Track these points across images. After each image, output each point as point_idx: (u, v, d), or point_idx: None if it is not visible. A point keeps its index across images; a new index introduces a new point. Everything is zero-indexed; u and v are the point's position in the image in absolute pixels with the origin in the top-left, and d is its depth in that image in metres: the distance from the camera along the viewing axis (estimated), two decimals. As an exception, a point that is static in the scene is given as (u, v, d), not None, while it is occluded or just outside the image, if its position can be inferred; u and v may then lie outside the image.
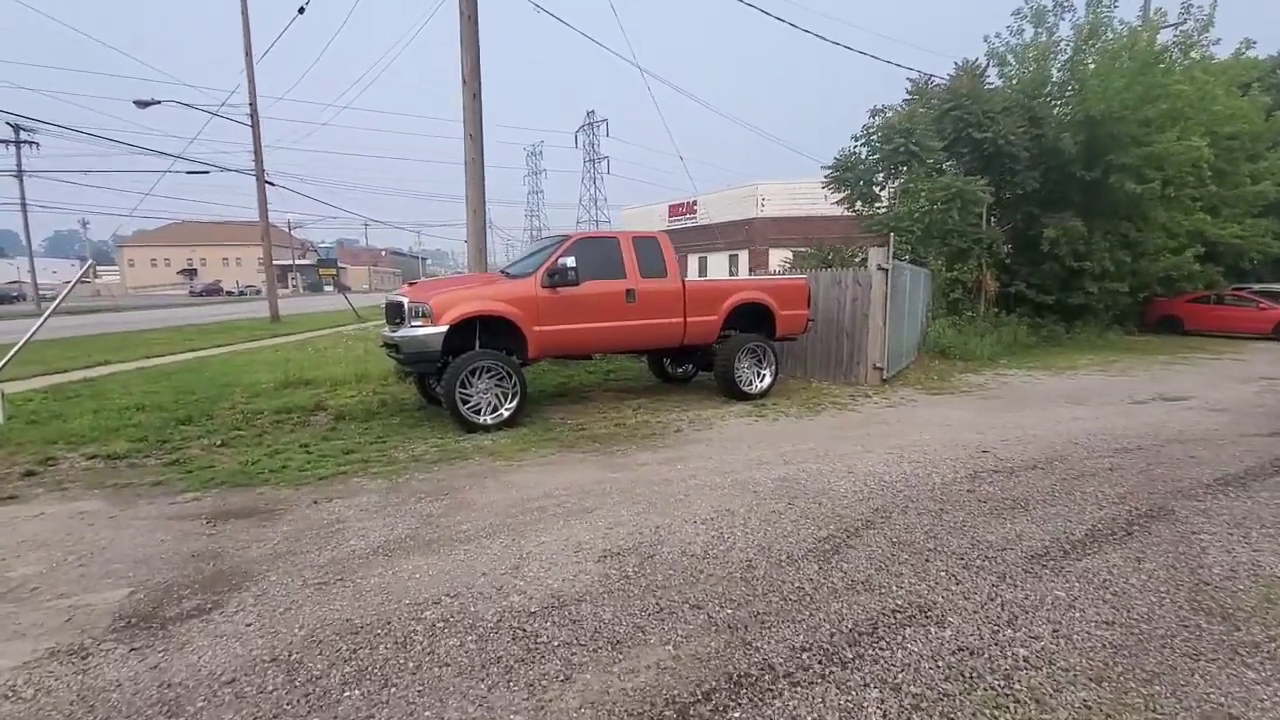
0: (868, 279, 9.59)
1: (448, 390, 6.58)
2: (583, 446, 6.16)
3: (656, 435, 6.57)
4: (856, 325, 9.72)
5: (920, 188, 13.62)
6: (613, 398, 8.79)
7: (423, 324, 6.67)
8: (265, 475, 5.21)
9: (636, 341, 7.98)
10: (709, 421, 7.22)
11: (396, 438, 6.63)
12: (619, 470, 5.31)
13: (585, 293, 7.31)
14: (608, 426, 7.01)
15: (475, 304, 6.81)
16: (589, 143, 71.31)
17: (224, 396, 8.65)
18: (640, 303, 7.66)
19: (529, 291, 7.09)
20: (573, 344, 7.46)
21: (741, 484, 4.88)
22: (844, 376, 9.95)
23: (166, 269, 78.44)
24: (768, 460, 5.56)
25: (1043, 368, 12.04)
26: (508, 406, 6.95)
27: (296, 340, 16.82)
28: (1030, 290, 15.96)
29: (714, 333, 8.35)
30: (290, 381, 9.43)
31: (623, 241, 7.78)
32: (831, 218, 24.90)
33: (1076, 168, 14.88)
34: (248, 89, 21.50)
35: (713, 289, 8.34)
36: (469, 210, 9.56)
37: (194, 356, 13.28)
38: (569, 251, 7.29)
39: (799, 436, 6.48)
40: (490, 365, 6.81)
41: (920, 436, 6.45)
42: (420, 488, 4.88)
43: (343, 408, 7.97)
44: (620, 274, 7.64)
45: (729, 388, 8.36)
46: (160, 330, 19.97)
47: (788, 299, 8.81)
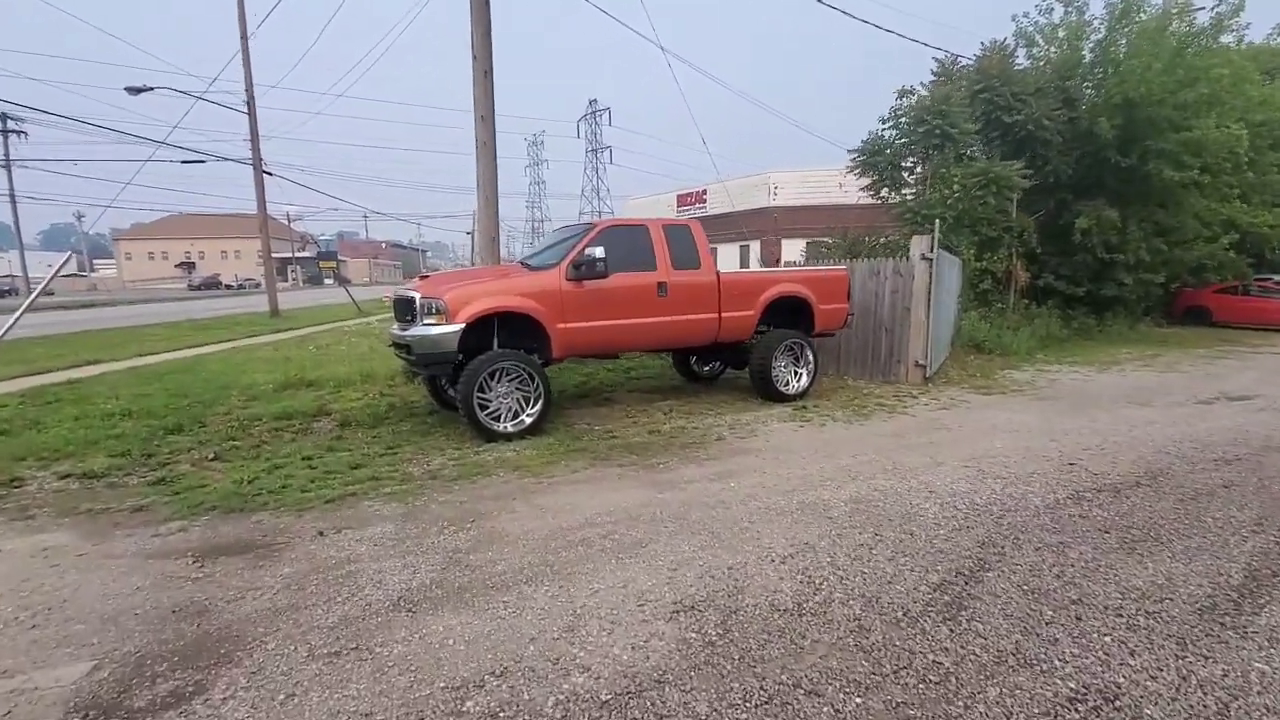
0: (909, 269, 8.91)
1: (465, 395, 5.93)
2: (618, 458, 5.51)
3: (697, 444, 5.92)
4: (897, 319, 9.05)
5: (953, 173, 12.92)
6: (639, 399, 8.13)
7: (436, 322, 6.01)
8: (263, 497, 4.56)
9: (668, 339, 7.32)
10: (750, 427, 6.57)
11: (408, 448, 5.98)
12: (665, 489, 4.66)
13: (613, 286, 6.64)
14: (640, 433, 6.36)
15: (494, 299, 6.14)
16: (591, 132, 70.36)
17: (219, 400, 8.01)
18: (672, 297, 6.99)
19: (552, 285, 6.42)
20: (600, 343, 6.80)
21: (810, 507, 4.23)
22: (882, 375, 9.30)
23: (164, 262, 77.60)
24: (830, 476, 4.91)
25: (1084, 363, 11.38)
26: (530, 412, 6.30)
27: (297, 336, 16.15)
28: (1060, 281, 15.28)
29: (750, 329, 7.68)
30: (290, 383, 8.78)
31: (653, 230, 7.10)
32: (845, 206, 24.19)
33: (1111, 153, 14.14)
34: (244, 72, 20.73)
35: (749, 281, 7.67)
36: (480, 197, 8.87)
37: (190, 355, 12.63)
38: (596, 240, 6.61)
39: (855, 445, 5.83)
40: (511, 367, 6.15)
41: (991, 445, 5.80)
42: (441, 513, 4.23)
43: (348, 412, 7.32)
44: (650, 265, 6.97)
45: (765, 388, 7.71)
46: (156, 326, 19.29)
47: (827, 292, 8.14)
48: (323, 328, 18.57)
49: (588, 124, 70.50)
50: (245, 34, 20.07)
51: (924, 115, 12.95)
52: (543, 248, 7.48)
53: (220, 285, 63.14)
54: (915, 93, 13.84)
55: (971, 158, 13.87)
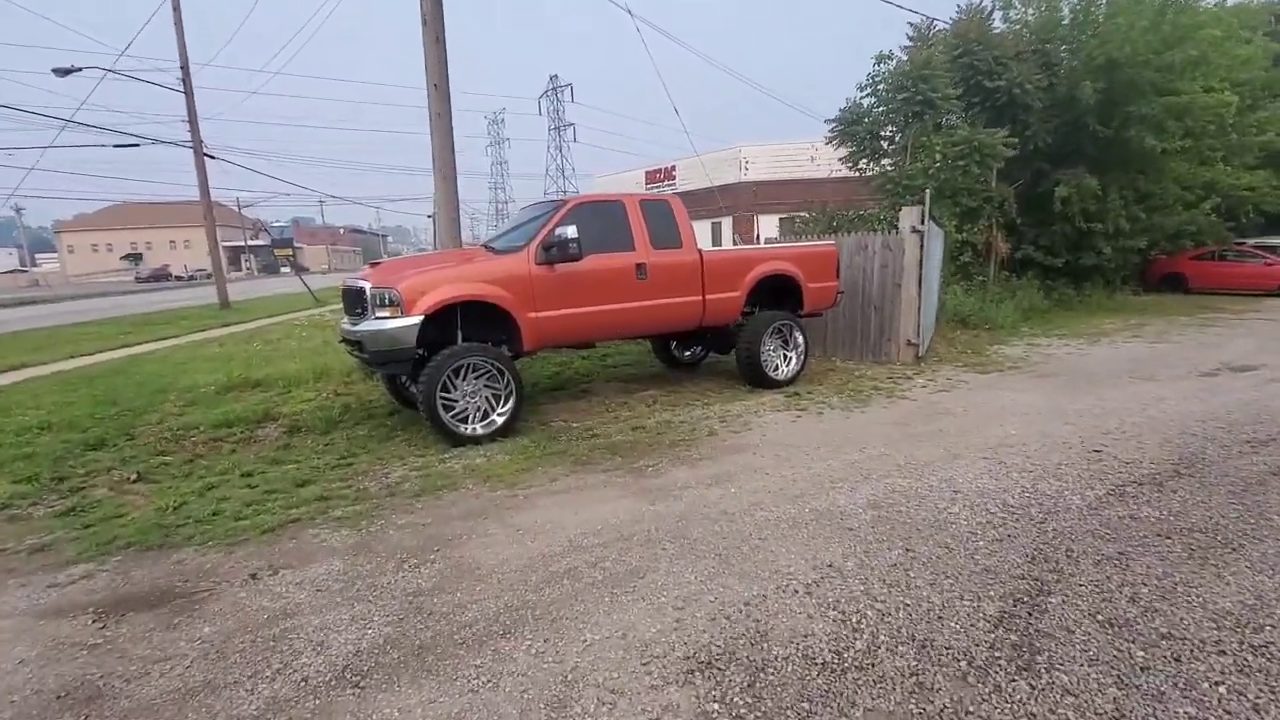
0: (899, 244, 8.44)
1: (426, 396, 5.29)
2: (600, 461, 4.94)
3: (688, 441, 5.38)
4: (886, 296, 8.60)
5: (934, 141, 12.48)
6: (618, 389, 7.56)
7: (390, 314, 5.33)
8: (189, 529, 3.89)
9: (649, 325, 6.73)
10: (743, 419, 6.05)
11: (364, 457, 5.33)
12: (658, 498, 4.11)
13: (588, 269, 6.01)
14: (623, 430, 5.79)
15: (456, 287, 5.47)
16: (554, 109, 68.65)
17: (153, 406, 7.21)
18: (652, 279, 6.40)
19: (521, 269, 5.77)
20: (575, 331, 6.18)
21: (826, 516, 3.72)
22: (872, 355, 8.86)
23: (109, 254, 74.07)
24: (841, 475, 4.41)
25: (1071, 335, 11.12)
26: (501, 411, 5.68)
27: (247, 330, 15.16)
28: (1038, 252, 15.04)
29: (736, 311, 7.13)
30: (235, 384, 7.99)
31: (629, 206, 6.47)
32: (818, 180, 23.76)
33: (1091, 120, 13.83)
34: (177, 45, 19.29)
35: (734, 260, 7.09)
36: (437, 175, 8.11)
37: (127, 354, 11.64)
38: (567, 219, 5.97)
39: (860, 437, 5.35)
40: (477, 362, 5.52)
41: (1004, 432, 5.37)
42: (400, 541, 3.62)
43: (297, 416, 6.61)
44: (628, 245, 6.35)
45: (754, 374, 7.19)
46: (95, 323, 18.04)
47: (815, 269, 7.62)
48: (276, 320, 17.54)
49: (549, 101, 68.77)
50: (178, 3, 18.67)
51: (904, 81, 12.45)
52: (508, 229, 6.80)
53: (170, 277, 60.55)
54: (894, 58, 13.31)
55: (951, 126, 13.45)
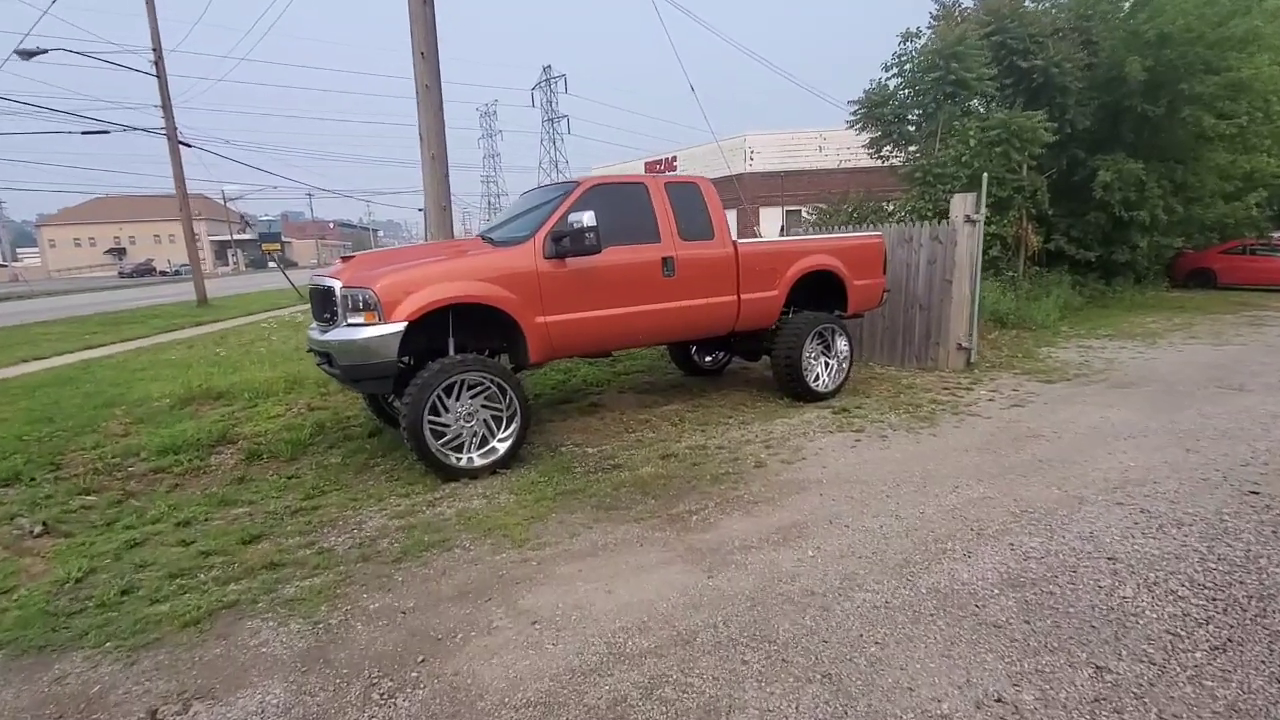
0: (950, 234, 7.46)
1: (412, 422, 4.27)
2: (629, 505, 3.94)
3: (733, 476, 4.38)
4: (935, 294, 7.62)
5: (967, 126, 11.50)
6: (634, 402, 6.55)
7: (365, 320, 4.31)
8: (88, 618, 2.87)
9: (676, 331, 5.73)
10: (791, 443, 5.06)
11: (335, 495, 4.32)
12: (715, 566, 3.12)
13: (606, 264, 5.00)
14: (651, 459, 4.79)
15: (446, 287, 4.45)
16: (547, 101, 67.28)
17: (95, 424, 6.18)
18: (681, 276, 5.39)
19: (525, 264, 4.75)
20: (590, 339, 5.17)
21: (951, 601, 2.73)
22: (916, 360, 7.89)
23: (93, 249, 72.28)
24: (944, 529, 3.43)
25: (1119, 335, 10.19)
26: (503, 437, 4.66)
27: (221, 330, 14.06)
28: (1070, 245, 14.09)
29: (775, 313, 6.14)
30: (194, 395, 6.96)
31: (652, 189, 5.45)
32: (827, 170, 22.79)
33: (1136, 101, 12.83)
34: (149, 24, 18.07)
35: (774, 254, 6.08)
36: (425, 155, 7.06)
37: (83, 359, 10.54)
38: (581, 203, 4.94)
39: (944, 470, 4.37)
40: (475, 378, 4.50)
41: (1120, 462, 4.40)
42: (370, 644, 2.61)
43: (259, 439, 5.58)
44: (652, 236, 5.34)
45: (794, 386, 6.20)
46: (62, 322, 16.87)
47: (861, 264, 6.63)
48: (254, 318, 16.43)
49: (542, 92, 67.38)
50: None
51: (934, 60, 11.45)
52: (508, 216, 5.75)
53: (154, 272, 59.01)
54: (922, 36, 12.30)
55: (984, 110, 12.47)
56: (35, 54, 18.64)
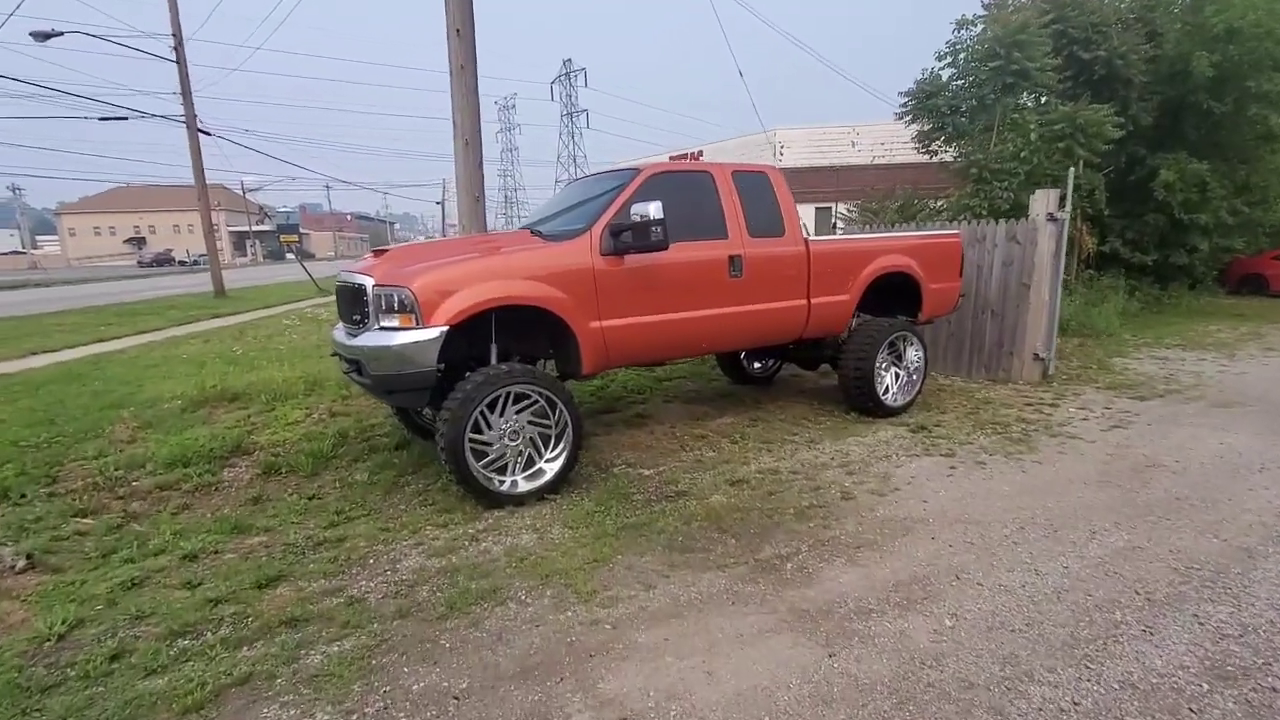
0: (1030, 233, 6.81)
1: (451, 441, 3.71)
2: (706, 545, 3.36)
3: (820, 510, 3.79)
4: (1010, 299, 6.97)
5: (1028, 119, 10.78)
6: (683, 414, 5.97)
7: (401, 324, 3.75)
8: (63, 699, 2.33)
9: (742, 338, 5.14)
10: (874, 468, 4.45)
11: (362, 524, 3.77)
12: (834, 639, 2.53)
13: (668, 262, 4.41)
14: (718, 484, 4.21)
15: (492, 286, 3.88)
16: (566, 94, 66.73)
17: (98, 429, 5.69)
18: (749, 276, 4.79)
19: (580, 261, 4.17)
20: (651, 346, 4.59)
21: (1157, 702, 2.13)
22: (985, 370, 7.24)
23: (112, 237, 72.67)
24: (1101, 592, 2.82)
25: (1190, 344, 9.47)
26: (550, 457, 4.10)
27: (239, 323, 13.63)
28: (1125, 248, 13.31)
29: (845, 319, 5.53)
30: (207, 396, 6.47)
31: (719, 179, 4.85)
32: (859, 167, 22.03)
33: (1202, 97, 12.07)
34: (169, 14, 17.68)
35: (848, 253, 5.47)
36: (458, 141, 6.50)
37: (95, 352, 10.12)
38: (644, 193, 4.36)
39: (1068, 508, 3.75)
40: (523, 391, 3.93)
41: (1268, 500, 3.75)
42: (417, 741, 2.06)
43: (277, 449, 5.07)
44: (719, 231, 4.74)
45: (863, 399, 5.58)
46: (76, 312, 16.54)
47: (937, 265, 6.00)
48: (273, 310, 16.01)
49: (562, 86, 66.82)
50: (167, -37, 17.06)
51: (994, 48, 10.74)
52: (559, 207, 5.16)
53: (173, 261, 59.08)
54: (976, 23, 11.59)
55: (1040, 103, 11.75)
56: (51, 36, 18.30)
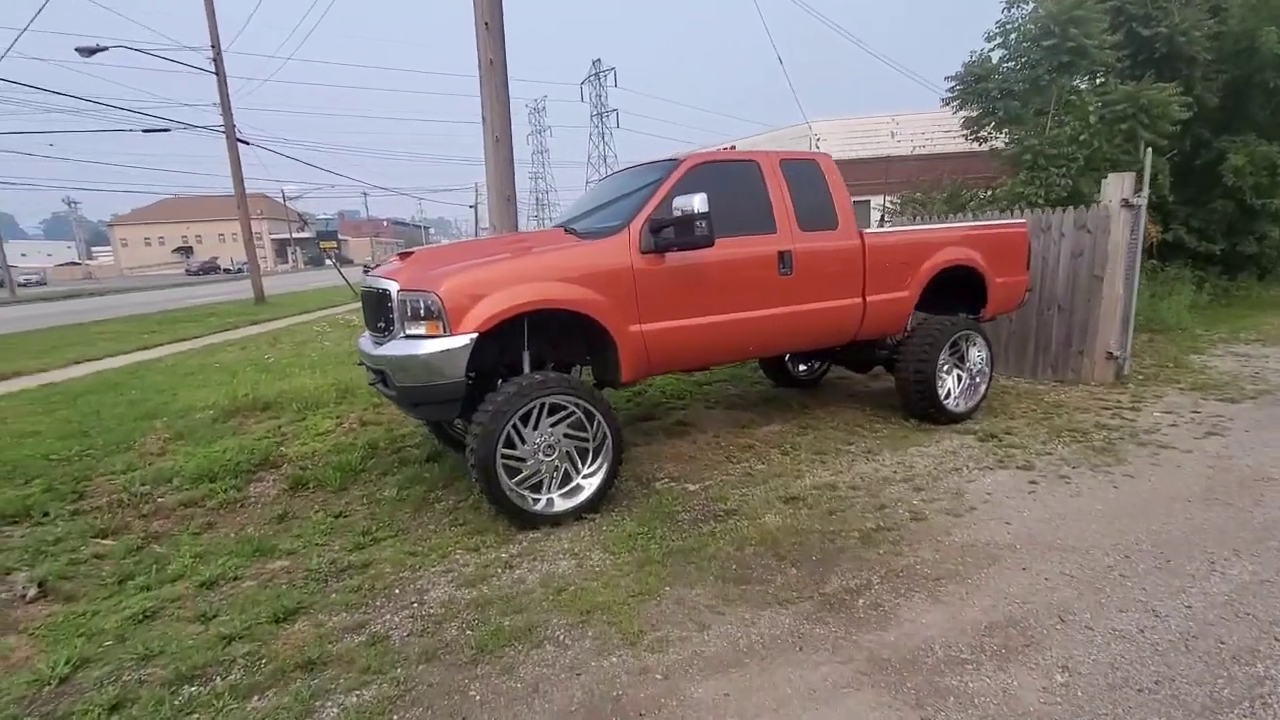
0: (1102, 221, 6.26)
1: (482, 459, 3.42)
2: (764, 576, 3.01)
3: (889, 533, 3.40)
4: (1079, 293, 6.43)
5: (1087, 100, 10.13)
6: (726, 420, 5.61)
7: (428, 331, 3.49)
8: (58, 746, 2.11)
9: (792, 340, 4.76)
10: (944, 484, 4.03)
11: (389, 547, 3.51)
12: (928, 702, 2.16)
13: (713, 260, 4.06)
14: (770, 501, 3.85)
15: (525, 289, 3.58)
16: (596, 95, 66.63)
17: (133, 439, 5.62)
18: (799, 274, 4.41)
19: (618, 260, 3.85)
20: (694, 352, 4.24)
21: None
22: (1052, 370, 6.71)
23: (161, 248, 75.17)
24: (1237, 639, 2.39)
25: (1271, 340, 8.70)
26: (588, 473, 3.79)
27: (276, 329, 13.70)
28: (1190, 236, 12.46)
29: (904, 318, 5.10)
30: (239, 406, 6.36)
31: (766, 168, 4.48)
32: (899, 158, 21.30)
33: (1270, 75, 11.22)
34: (208, 24, 17.96)
35: (907, 246, 5.03)
36: (488, 137, 6.24)
37: (136, 360, 10.20)
38: (686, 185, 4.02)
39: (1178, 534, 3.29)
40: (559, 402, 3.63)
41: None
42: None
43: (306, 461, 4.88)
44: (766, 225, 4.37)
45: (925, 404, 5.14)
46: (121, 320, 16.92)
47: (1003, 257, 5.52)
48: (309, 316, 16.12)
49: (591, 86, 66.73)
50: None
51: (1048, 25, 10.09)
52: (594, 204, 4.83)
53: (219, 269, 60.78)
54: (1029, 0, 10.93)
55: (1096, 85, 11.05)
56: (95, 51, 18.77)
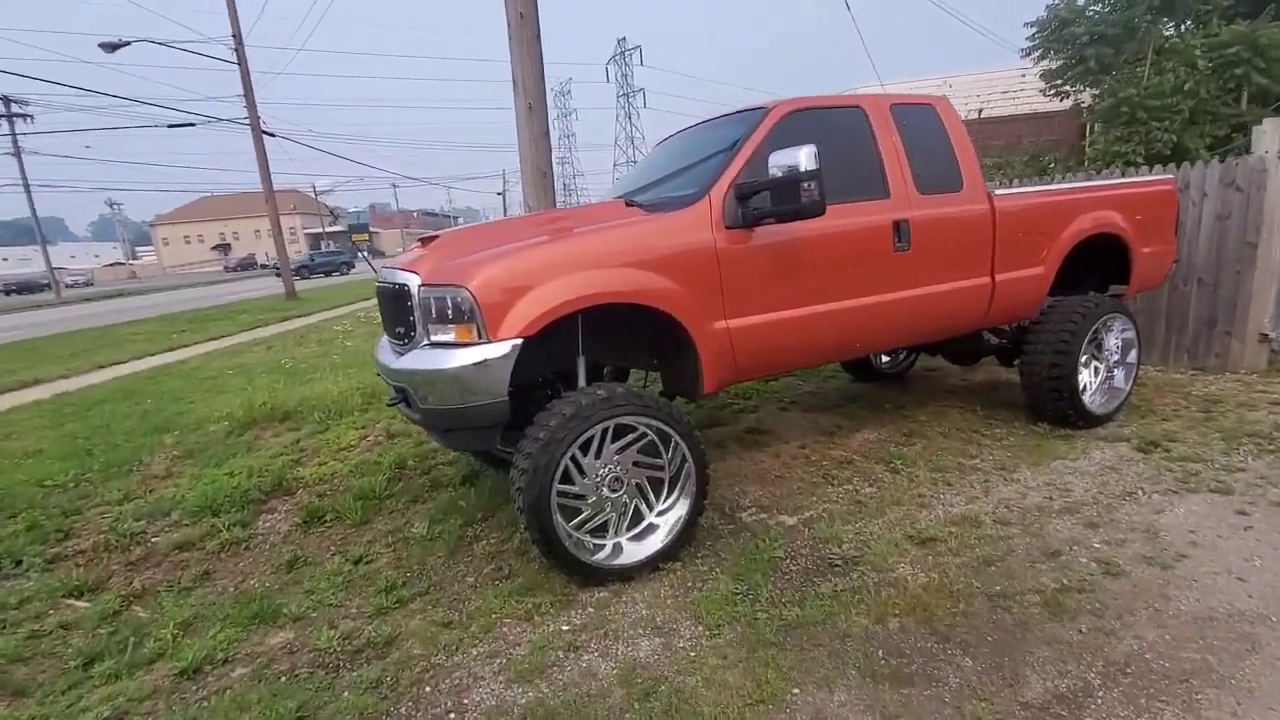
0: (1256, 176, 5.17)
1: (534, 500, 2.63)
2: (931, 674, 2.17)
3: (1075, 595, 2.52)
4: (1225, 263, 5.36)
5: (1191, 43, 8.87)
6: (806, 425, 4.74)
7: (457, 338, 2.69)
8: None
9: (910, 332, 3.85)
10: (1121, 517, 3.12)
11: (417, 614, 2.76)
12: None
13: (818, 234, 3.19)
14: (900, 545, 2.98)
15: (581, 279, 2.75)
16: (621, 74, 65.32)
17: (139, 457, 5.04)
18: (917, 249, 3.50)
19: (696, 239, 2.99)
20: (793, 352, 3.38)
21: None
22: (1189, 356, 5.66)
23: (200, 245, 76.56)
24: None
25: None
26: (663, 510, 2.97)
27: (304, 326, 13.21)
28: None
29: (1038, 299, 4.15)
30: (257, 416, 5.72)
31: (873, 115, 3.55)
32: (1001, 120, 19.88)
33: None
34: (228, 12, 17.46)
35: (1045, 211, 4.04)
36: (520, 104, 5.40)
37: (158, 364, 9.73)
38: (779, 137, 3.13)
39: None
40: (628, 424, 2.82)
41: None
42: None
43: (324, 486, 4.19)
44: (877, 188, 3.46)
45: (1061, 405, 4.16)
46: (154, 320, 16.68)
47: (1149, 222, 4.51)
48: (339, 311, 15.63)
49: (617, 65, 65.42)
50: (221, -40, 16.78)
51: (1147, -42, 8.85)
52: (659, 170, 3.94)
53: (256, 265, 61.50)
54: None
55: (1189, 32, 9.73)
56: (118, 46, 18.44)
